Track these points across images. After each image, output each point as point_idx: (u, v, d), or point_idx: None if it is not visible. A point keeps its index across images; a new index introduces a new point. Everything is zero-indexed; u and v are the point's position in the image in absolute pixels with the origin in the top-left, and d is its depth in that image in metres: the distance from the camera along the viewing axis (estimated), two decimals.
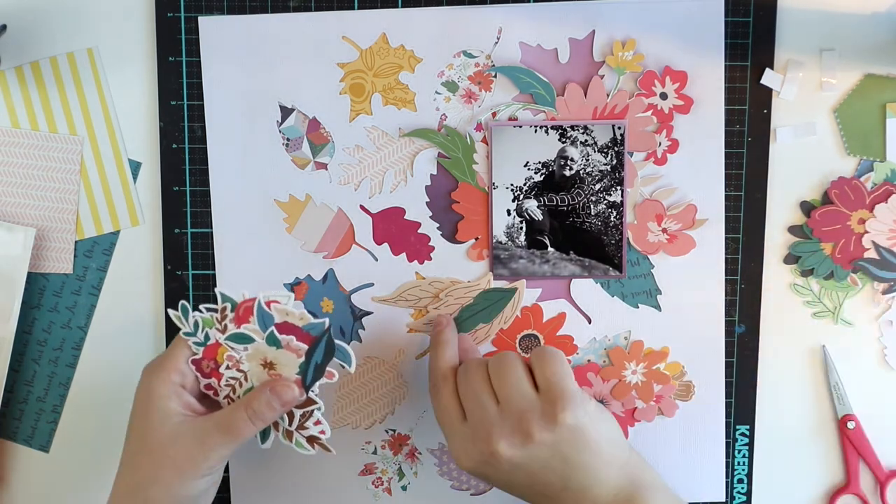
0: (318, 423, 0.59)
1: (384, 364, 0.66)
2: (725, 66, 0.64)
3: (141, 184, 0.66)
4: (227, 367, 0.59)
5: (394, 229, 0.65)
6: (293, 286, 0.66)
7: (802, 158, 0.65)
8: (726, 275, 0.65)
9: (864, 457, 0.66)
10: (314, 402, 0.59)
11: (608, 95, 0.64)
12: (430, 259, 0.66)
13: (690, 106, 0.64)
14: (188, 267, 0.66)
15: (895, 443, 0.67)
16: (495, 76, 0.64)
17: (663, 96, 0.64)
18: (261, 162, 0.65)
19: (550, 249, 0.65)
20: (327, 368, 0.58)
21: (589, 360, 0.66)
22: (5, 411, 0.66)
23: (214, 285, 0.65)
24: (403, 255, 0.66)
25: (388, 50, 0.64)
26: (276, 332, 0.57)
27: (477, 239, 0.65)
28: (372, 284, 0.66)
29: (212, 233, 0.65)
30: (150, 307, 0.66)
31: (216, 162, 0.65)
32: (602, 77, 0.64)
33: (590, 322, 0.66)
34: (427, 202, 0.65)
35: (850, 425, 0.66)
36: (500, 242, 0.65)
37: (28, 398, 0.67)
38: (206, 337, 0.59)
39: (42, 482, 0.67)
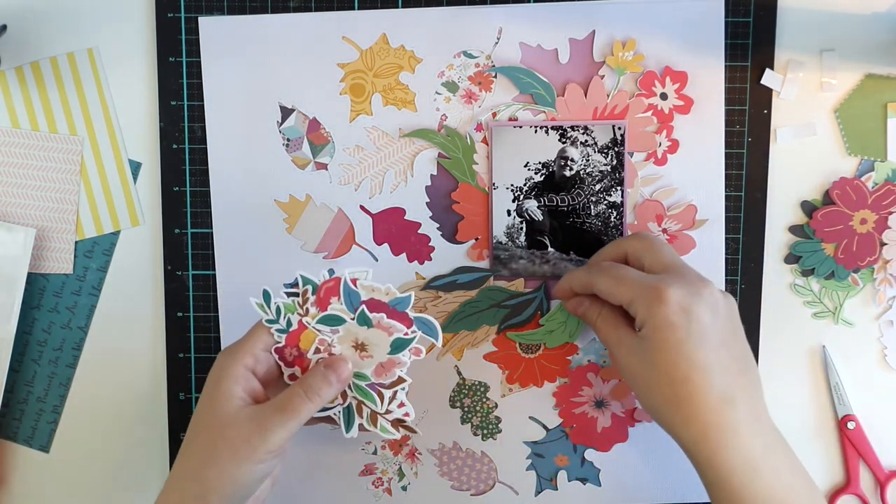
0: (401, 405, 0.57)
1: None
2: (725, 66, 0.64)
3: (141, 184, 0.66)
4: (318, 352, 0.57)
5: (394, 229, 0.65)
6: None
7: (803, 159, 0.65)
8: (726, 275, 0.65)
9: (864, 457, 0.66)
10: (403, 380, 0.57)
11: (608, 96, 0.64)
12: (430, 259, 0.66)
13: (690, 106, 0.64)
14: (188, 267, 0.66)
15: (895, 443, 0.67)
16: (495, 76, 0.64)
17: (663, 97, 0.64)
18: (261, 162, 0.65)
19: (550, 250, 0.65)
20: (415, 345, 0.57)
21: (589, 361, 0.66)
22: (5, 411, 0.66)
23: (214, 285, 0.65)
24: (403, 255, 0.66)
25: (388, 50, 0.64)
26: (366, 310, 0.56)
27: (477, 239, 0.65)
28: None
29: (212, 233, 0.65)
30: (150, 307, 0.66)
31: (216, 162, 0.65)
32: (602, 77, 0.64)
33: None
34: (427, 202, 0.65)
35: (850, 425, 0.66)
36: (501, 243, 0.65)
37: (28, 398, 0.67)
38: (289, 323, 0.57)
39: (42, 482, 0.67)
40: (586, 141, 0.64)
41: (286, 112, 0.65)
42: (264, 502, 0.61)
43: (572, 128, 0.64)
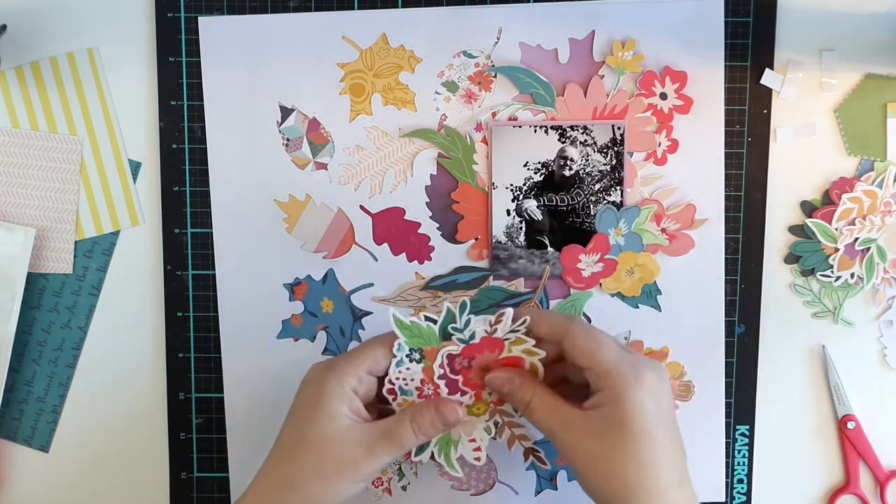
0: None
1: None
2: (725, 66, 0.64)
3: (141, 184, 0.66)
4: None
5: (394, 229, 0.65)
6: (293, 286, 0.66)
7: (802, 158, 0.65)
8: (726, 275, 0.65)
9: (863, 457, 0.66)
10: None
11: (608, 95, 0.64)
12: (430, 259, 0.66)
13: (690, 106, 0.64)
14: (188, 267, 0.66)
15: (895, 443, 0.67)
16: (495, 76, 0.64)
17: (663, 96, 0.64)
18: (261, 162, 0.65)
19: (550, 249, 0.65)
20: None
21: None
22: (5, 411, 0.66)
23: (214, 285, 0.65)
24: (403, 255, 0.66)
25: (388, 50, 0.64)
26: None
27: (477, 239, 0.65)
28: (372, 284, 0.66)
29: (212, 233, 0.66)
30: (150, 307, 0.66)
31: (216, 162, 0.65)
32: (602, 77, 0.64)
33: (589, 322, 0.66)
34: (427, 202, 0.65)
35: (850, 425, 0.66)
36: (500, 242, 0.65)
37: (28, 398, 0.67)
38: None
39: (42, 482, 0.67)
40: (586, 141, 0.64)
41: (286, 112, 0.65)
42: None
43: (572, 127, 0.64)
